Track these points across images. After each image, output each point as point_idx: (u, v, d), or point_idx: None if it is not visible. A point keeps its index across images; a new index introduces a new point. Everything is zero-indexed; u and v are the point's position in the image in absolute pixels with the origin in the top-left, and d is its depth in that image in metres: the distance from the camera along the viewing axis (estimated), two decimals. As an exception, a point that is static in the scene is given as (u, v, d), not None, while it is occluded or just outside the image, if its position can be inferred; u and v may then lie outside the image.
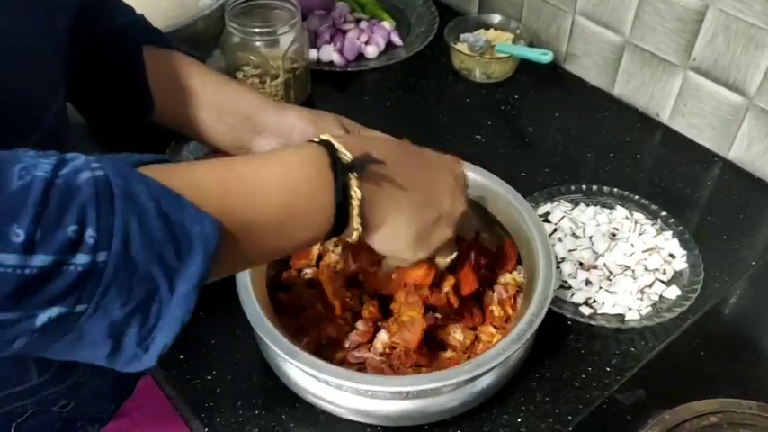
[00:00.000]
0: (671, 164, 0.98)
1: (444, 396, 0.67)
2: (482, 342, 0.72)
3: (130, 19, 0.79)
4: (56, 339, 0.40)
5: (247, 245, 0.47)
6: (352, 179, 0.51)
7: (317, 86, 1.08)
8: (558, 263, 0.83)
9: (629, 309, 0.79)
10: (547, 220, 0.88)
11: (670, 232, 0.86)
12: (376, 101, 1.09)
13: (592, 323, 0.78)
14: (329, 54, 1.14)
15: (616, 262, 0.83)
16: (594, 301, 0.80)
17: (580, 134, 1.03)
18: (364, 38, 1.17)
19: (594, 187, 0.91)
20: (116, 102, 0.79)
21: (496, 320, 0.72)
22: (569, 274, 0.82)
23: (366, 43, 1.16)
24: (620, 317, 0.79)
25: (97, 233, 0.38)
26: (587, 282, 0.82)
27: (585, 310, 0.79)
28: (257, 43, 0.98)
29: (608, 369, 0.74)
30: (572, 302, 0.80)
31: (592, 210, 0.89)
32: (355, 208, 0.51)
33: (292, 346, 0.63)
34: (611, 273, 0.82)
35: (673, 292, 0.80)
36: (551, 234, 0.86)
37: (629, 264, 0.83)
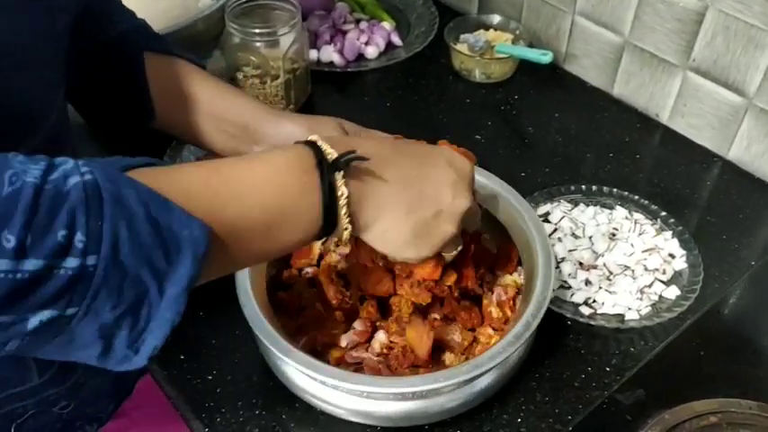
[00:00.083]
0: (670, 164, 0.98)
1: (444, 396, 0.67)
2: (480, 343, 0.72)
3: (132, 24, 0.79)
4: (47, 342, 0.40)
5: (236, 247, 0.47)
6: (338, 177, 0.50)
7: (318, 87, 1.09)
8: (558, 263, 0.83)
9: (628, 309, 0.79)
10: (547, 221, 0.88)
11: (670, 232, 0.86)
12: (376, 101, 1.09)
13: (591, 323, 0.78)
14: (329, 54, 1.15)
15: (616, 262, 0.83)
16: (594, 301, 0.80)
17: (580, 134, 1.03)
18: (364, 38, 1.17)
19: (594, 187, 0.91)
20: (117, 107, 0.79)
21: (495, 322, 0.72)
22: (569, 274, 0.82)
23: (366, 44, 1.16)
24: (619, 317, 0.79)
25: (86, 237, 0.38)
26: (587, 282, 0.82)
27: (585, 310, 0.79)
28: (257, 44, 0.98)
29: (608, 369, 0.75)
30: (572, 302, 0.80)
31: (591, 210, 0.89)
32: (343, 207, 0.51)
33: (291, 348, 0.63)
34: (610, 273, 0.82)
35: (672, 292, 0.80)
36: (551, 234, 0.86)
37: (628, 264, 0.83)
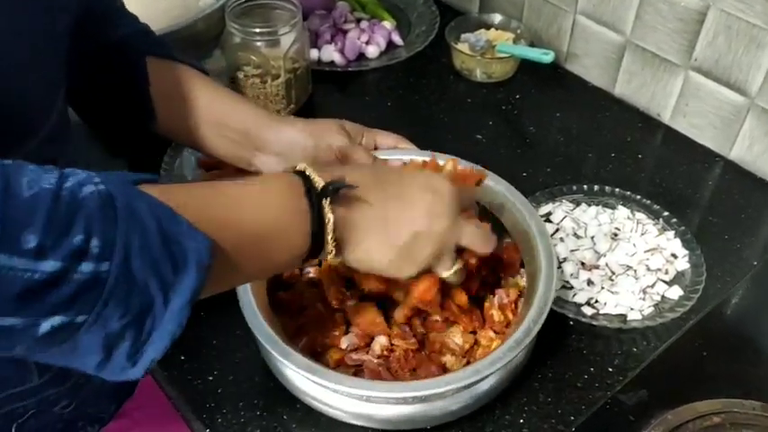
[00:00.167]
0: (672, 164, 0.98)
1: (446, 400, 0.67)
2: (481, 346, 0.71)
3: (134, 29, 0.79)
4: (52, 348, 0.41)
5: (234, 263, 0.49)
6: (325, 204, 0.54)
7: (318, 86, 1.08)
8: (560, 263, 0.83)
9: (631, 309, 0.79)
10: (548, 220, 0.87)
11: (672, 232, 0.86)
12: (377, 101, 1.09)
13: (594, 323, 0.78)
14: (330, 54, 1.14)
15: (618, 262, 0.83)
16: (596, 302, 0.80)
17: (581, 134, 1.03)
18: (365, 38, 1.16)
19: (596, 187, 0.91)
20: (118, 111, 0.79)
21: (496, 325, 0.72)
22: (571, 275, 0.82)
23: (367, 43, 1.16)
24: (622, 317, 0.78)
25: (102, 243, 0.39)
26: (589, 282, 0.81)
27: (588, 311, 0.79)
28: (258, 43, 0.98)
29: (610, 369, 0.74)
30: (574, 303, 0.80)
31: (593, 210, 0.88)
32: (329, 232, 0.54)
33: (291, 351, 0.63)
34: (613, 273, 0.82)
35: (675, 292, 0.80)
36: (553, 234, 0.86)
37: (631, 264, 0.82)
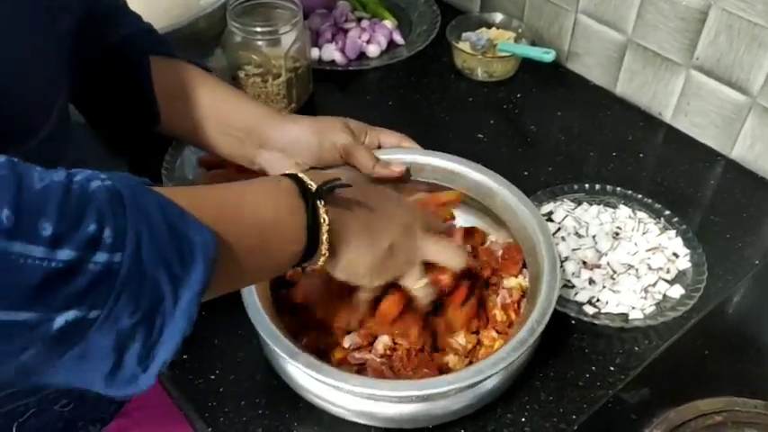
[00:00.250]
0: (674, 163, 0.98)
1: (448, 399, 0.67)
2: (484, 346, 0.71)
3: (138, 28, 0.79)
4: (63, 353, 0.40)
5: (237, 261, 0.50)
6: (319, 205, 0.56)
7: (319, 85, 1.08)
8: (562, 262, 0.83)
9: (632, 308, 0.79)
10: (550, 219, 0.87)
11: (673, 231, 0.86)
12: (378, 100, 1.09)
13: (595, 322, 0.78)
14: (331, 53, 1.14)
15: (619, 261, 0.83)
16: (598, 301, 0.80)
17: (583, 133, 1.03)
18: (366, 37, 1.16)
19: (597, 186, 0.91)
20: (122, 110, 0.79)
21: (499, 325, 0.72)
22: (573, 274, 0.82)
23: (368, 42, 1.16)
24: (623, 316, 0.78)
25: (114, 233, 0.40)
26: (591, 281, 0.81)
27: (589, 310, 0.79)
28: (259, 42, 0.98)
29: (612, 368, 0.74)
30: (576, 302, 0.80)
31: (595, 209, 0.88)
32: (324, 233, 0.56)
33: (295, 349, 0.63)
34: (614, 272, 0.82)
35: (676, 291, 0.80)
36: (554, 233, 0.86)
37: (632, 263, 0.82)
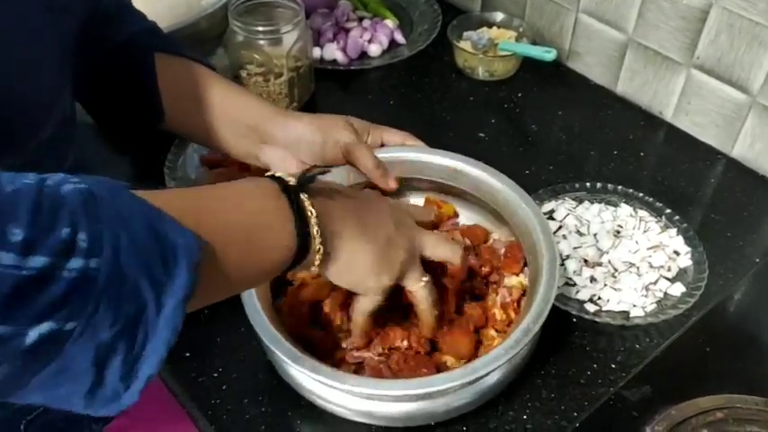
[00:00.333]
0: (675, 161, 0.98)
1: (448, 397, 0.67)
2: (483, 345, 0.71)
3: (142, 26, 0.79)
4: (39, 369, 0.38)
5: (222, 266, 0.48)
6: (304, 199, 0.54)
7: (321, 85, 1.09)
8: (563, 260, 0.83)
9: (633, 306, 0.79)
10: (551, 218, 0.88)
11: (674, 229, 0.86)
12: (379, 99, 1.09)
13: (597, 320, 0.78)
14: (332, 52, 1.15)
15: (621, 259, 0.83)
16: (599, 299, 0.80)
17: (583, 132, 1.03)
18: (367, 36, 1.17)
19: (599, 185, 0.91)
20: (127, 108, 0.79)
21: (498, 324, 0.72)
22: (574, 272, 0.82)
23: (369, 41, 1.16)
24: (624, 314, 0.79)
25: (89, 238, 0.37)
26: (592, 279, 0.82)
27: (590, 308, 0.79)
28: (261, 42, 0.98)
29: (613, 366, 0.75)
30: (577, 299, 0.80)
31: (596, 207, 0.89)
32: (314, 225, 0.54)
33: (295, 351, 0.64)
34: (615, 270, 0.82)
35: (677, 289, 0.80)
36: (556, 231, 0.86)
37: (633, 261, 0.83)
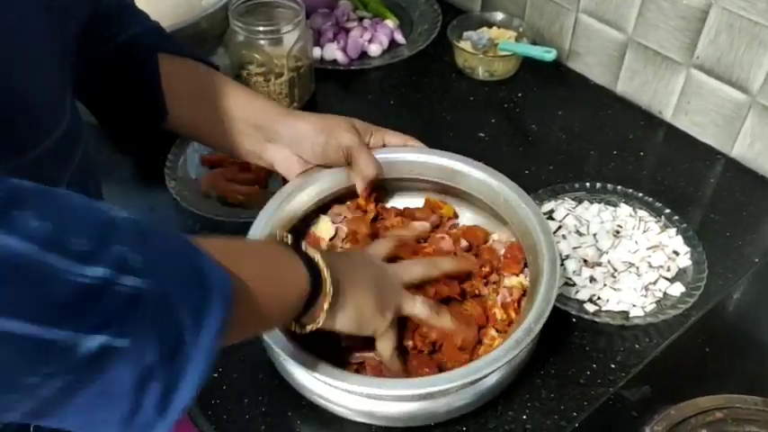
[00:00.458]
0: (674, 161, 0.98)
1: (448, 397, 0.67)
2: (484, 345, 0.71)
3: (145, 26, 0.79)
4: (85, 386, 0.38)
5: (247, 304, 0.50)
6: (314, 254, 0.58)
7: (321, 85, 1.09)
8: (563, 260, 0.83)
9: (633, 306, 0.79)
10: (551, 218, 0.88)
11: (674, 229, 0.86)
12: (379, 99, 1.10)
13: (596, 320, 0.78)
14: (333, 52, 1.15)
15: (620, 259, 0.83)
16: (599, 299, 0.80)
17: (583, 132, 1.03)
18: (367, 36, 1.17)
19: (598, 185, 0.92)
20: (130, 108, 0.79)
21: (499, 324, 0.72)
22: (573, 272, 0.82)
23: (369, 41, 1.17)
24: (624, 314, 0.79)
25: (141, 259, 0.39)
26: (592, 279, 0.82)
27: (590, 308, 0.79)
28: (261, 42, 0.98)
29: (613, 366, 0.75)
30: (576, 299, 0.80)
31: (596, 207, 0.89)
32: (324, 269, 0.58)
33: (296, 349, 0.64)
34: (615, 270, 0.82)
35: (677, 289, 0.80)
36: (555, 231, 0.86)
37: (633, 261, 0.83)
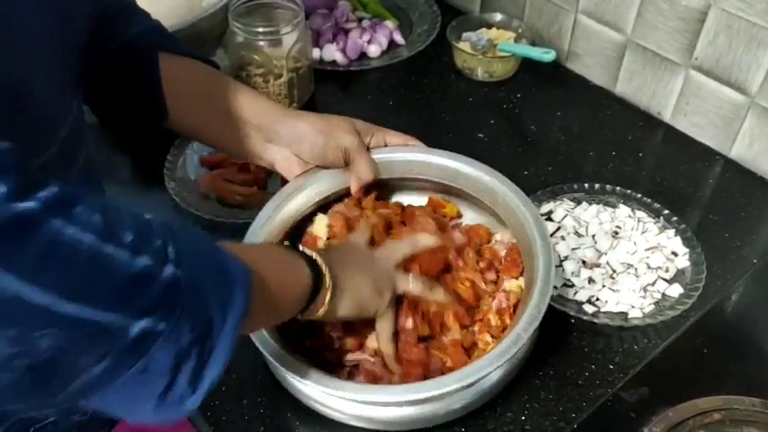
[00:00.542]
0: (673, 162, 0.99)
1: (443, 401, 0.67)
2: (478, 349, 0.72)
3: (147, 26, 0.79)
4: (130, 366, 0.42)
5: (264, 292, 0.54)
6: (311, 253, 0.61)
7: (320, 85, 1.09)
8: (561, 261, 0.83)
9: (632, 307, 0.79)
10: (550, 219, 0.88)
11: (672, 230, 0.86)
12: (378, 100, 1.10)
13: (595, 321, 0.78)
14: (332, 53, 1.15)
15: (619, 260, 0.83)
16: (598, 300, 0.81)
17: (582, 133, 1.03)
18: (367, 37, 1.17)
19: (597, 186, 0.92)
20: (131, 107, 0.79)
21: (493, 329, 0.72)
22: (572, 273, 0.82)
23: (368, 42, 1.17)
24: (623, 315, 0.79)
25: (175, 251, 0.43)
26: (590, 280, 0.82)
27: (589, 309, 0.79)
28: (261, 43, 0.98)
29: (611, 367, 0.75)
30: (575, 301, 0.80)
31: (594, 208, 0.89)
32: (323, 265, 0.61)
33: (292, 360, 0.64)
34: (613, 271, 0.83)
35: (675, 290, 0.80)
36: (554, 233, 0.86)
37: (631, 262, 0.83)
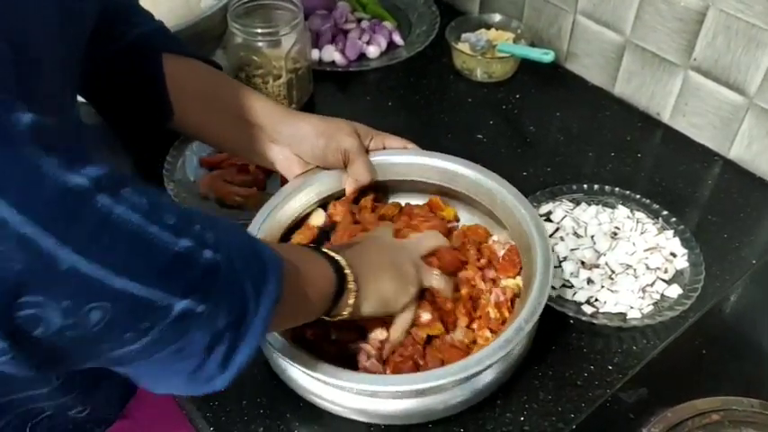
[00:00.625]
0: (672, 163, 0.99)
1: (445, 394, 0.67)
2: (478, 345, 0.72)
3: (150, 27, 0.80)
4: (170, 342, 0.44)
5: (294, 284, 0.55)
6: (334, 254, 0.62)
7: (319, 86, 1.09)
8: (560, 262, 0.83)
9: (630, 307, 0.79)
10: (549, 220, 0.88)
11: (671, 231, 0.86)
12: (378, 100, 1.10)
13: (594, 322, 0.78)
14: (331, 54, 1.15)
15: (618, 261, 0.83)
16: (596, 300, 0.81)
17: (581, 133, 1.03)
18: (366, 38, 1.17)
19: (596, 186, 0.92)
20: (135, 107, 0.80)
21: (493, 323, 0.72)
22: (571, 273, 0.82)
23: (368, 43, 1.17)
24: (621, 315, 0.79)
25: (213, 236, 0.45)
26: (589, 281, 0.82)
27: (587, 309, 0.79)
28: (260, 44, 0.98)
29: (610, 368, 0.75)
30: (574, 301, 0.80)
31: (593, 209, 0.89)
32: (346, 267, 0.62)
33: (293, 348, 0.64)
34: (612, 272, 0.83)
35: (674, 291, 0.81)
36: (553, 233, 0.86)
37: (630, 263, 0.83)
